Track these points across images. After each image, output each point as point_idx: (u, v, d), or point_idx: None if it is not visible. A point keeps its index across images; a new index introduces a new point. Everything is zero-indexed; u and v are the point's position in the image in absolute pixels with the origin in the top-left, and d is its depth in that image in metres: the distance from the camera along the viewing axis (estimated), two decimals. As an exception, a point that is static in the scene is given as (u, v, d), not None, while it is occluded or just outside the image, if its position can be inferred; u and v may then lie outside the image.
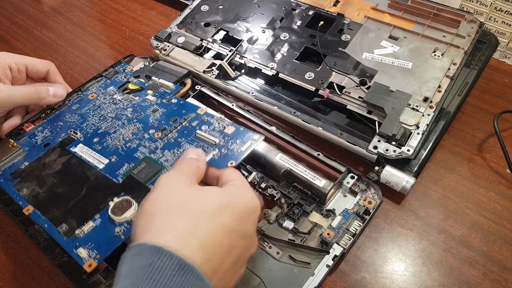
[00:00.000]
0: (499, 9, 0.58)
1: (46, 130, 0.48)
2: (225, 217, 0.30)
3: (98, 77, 0.55)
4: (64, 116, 0.50)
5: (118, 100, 0.50)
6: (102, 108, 0.49)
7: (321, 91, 0.51)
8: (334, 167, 0.45)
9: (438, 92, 0.48)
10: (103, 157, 0.43)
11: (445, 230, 0.43)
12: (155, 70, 0.55)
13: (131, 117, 0.47)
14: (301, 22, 0.59)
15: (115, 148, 0.44)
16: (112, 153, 0.43)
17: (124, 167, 0.42)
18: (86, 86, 0.54)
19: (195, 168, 0.35)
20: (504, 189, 0.46)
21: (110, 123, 0.47)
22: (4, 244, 0.44)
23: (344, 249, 0.39)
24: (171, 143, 0.43)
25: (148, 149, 0.43)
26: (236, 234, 0.30)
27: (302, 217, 0.43)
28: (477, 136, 0.51)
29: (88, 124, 0.48)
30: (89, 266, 0.35)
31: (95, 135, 0.46)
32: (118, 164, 0.42)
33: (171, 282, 0.25)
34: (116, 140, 0.45)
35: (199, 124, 0.44)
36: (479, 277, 0.39)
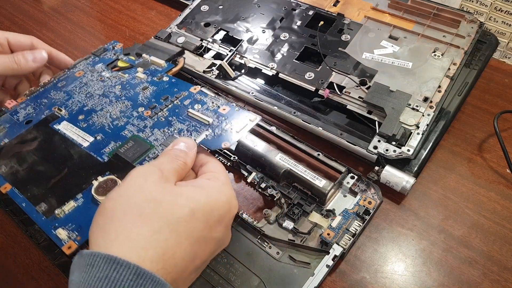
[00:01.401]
0: (499, 9, 0.57)
1: (29, 107, 0.46)
2: (194, 225, 0.28)
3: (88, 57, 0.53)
4: (49, 93, 0.47)
5: (106, 78, 0.48)
6: (89, 86, 0.47)
7: (321, 91, 0.51)
8: (334, 167, 0.45)
9: (438, 92, 0.48)
10: (88, 135, 0.41)
11: (445, 230, 0.43)
12: (146, 48, 0.53)
13: (119, 95, 0.45)
14: (301, 22, 0.59)
15: (101, 126, 0.42)
16: (98, 131, 0.41)
17: (110, 145, 0.40)
18: (74, 63, 0.52)
19: (180, 163, 0.32)
20: (504, 189, 0.46)
21: (97, 100, 0.45)
22: (4, 244, 0.44)
23: (344, 249, 0.39)
24: (161, 122, 0.40)
25: (137, 128, 0.40)
26: (205, 242, 0.29)
27: (302, 217, 0.43)
28: (477, 136, 0.51)
29: (73, 102, 0.45)
30: (69, 248, 0.33)
31: (81, 113, 0.44)
32: (104, 142, 0.40)
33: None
34: (103, 118, 0.43)
35: (191, 103, 0.41)
36: (479, 277, 0.39)
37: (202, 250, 0.29)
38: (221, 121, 0.39)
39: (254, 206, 0.46)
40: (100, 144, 0.40)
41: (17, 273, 0.42)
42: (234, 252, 0.40)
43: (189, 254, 0.27)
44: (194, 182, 0.31)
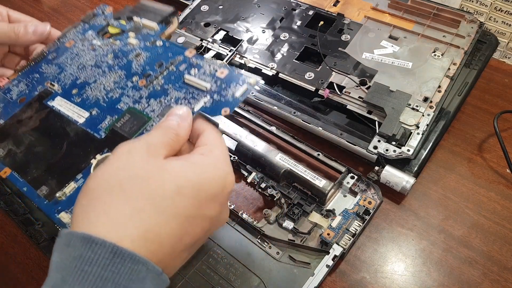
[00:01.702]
0: (499, 9, 0.57)
1: (22, 83, 0.44)
2: (181, 203, 0.26)
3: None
4: (40, 67, 0.45)
5: (97, 46, 0.45)
6: (80, 56, 0.44)
7: (321, 91, 0.51)
8: (334, 167, 0.45)
9: (438, 92, 0.48)
10: (83, 110, 0.39)
11: (445, 230, 0.43)
12: (138, 10, 0.50)
13: (112, 64, 0.42)
14: (301, 22, 0.59)
15: (95, 99, 0.40)
16: (93, 106, 0.39)
17: (107, 120, 0.38)
18: (63, 32, 0.48)
19: (172, 136, 0.29)
20: (504, 189, 0.46)
21: (90, 72, 0.42)
22: (5, 244, 0.44)
23: (344, 249, 0.39)
24: (157, 91, 0.38)
25: (132, 99, 0.38)
26: (195, 220, 0.27)
27: (302, 217, 0.43)
28: (477, 136, 0.51)
29: (66, 75, 0.43)
30: None
31: (74, 86, 0.42)
32: (99, 117, 0.38)
33: (105, 272, 0.22)
34: (97, 90, 0.40)
35: (187, 68, 0.38)
36: (479, 277, 0.39)
37: (192, 229, 0.27)
38: (219, 86, 0.36)
39: (254, 206, 0.46)
40: (96, 119, 0.38)
41: (17, 273, 0.42)
42: (234, 252, 0.40)
43: (176, 233, 0.26)
44: (187, 157, 0.29)
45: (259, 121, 0.50)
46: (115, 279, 0.22)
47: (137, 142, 0.28)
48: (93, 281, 0.22)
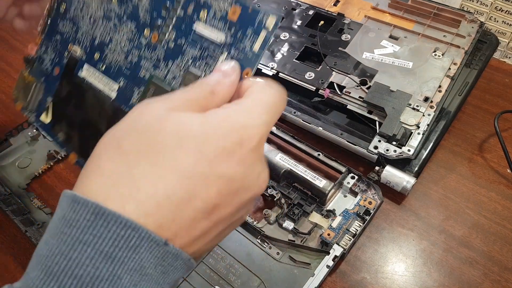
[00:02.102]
0: (499, 9, 0.57)
1: (49, 49, 0.41)
2: (181, 157, 0.22)
3: None
4: (57, 25, 0.42)
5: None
6: (88, 5, 0.40)
7: (321, 91, 0.51)
8: (334, 167, 0.45)
9: (438, 92, 0.48)
10: (112, 81, 0.37)
11: (446, 230, 0.43)
12: None
13: (120, 14, 0.38)
14: (301, 22, 0.59)
15: (118, 66, 0.37)
16: (118, 75, 0.37)
17: (135, 94, 0.35)
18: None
19: (205, 93, 0.25)
20: (505, 189, 0.46)
21: (102, 27, 0.38)
22: (4, 244, 0.44)
23: (344, 250, 0.39)
24: (172, 50, 0.34)
25: (151, 63, 0.35)
26: (205, 179, 0.22)
27: (302, 217, 0.43)
28: (477, 136, 0.51)
29: (82, 33, 0.40)
30: None
31: (94, 49, 0.38)
32: (128, 90, 0.35)
33: (85, 235, 0.20)
34: (115, 53, 0.37)
35: (196, 9, 0.33)
36: (480, 277, 0.39)
37: (202, 190, 0.22)
38: (234, 35, 0.31)
39: (254, 206, 0.46)
40: (125, 93, 0.35)
41: (17, 273, 0.42)
42: (234, 253, 0.40)
43: (179, 192, 0.21)
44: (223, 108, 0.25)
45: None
46: (96, 244, 0.20)
47: (160, 97, 0.24)
48: (71, 244, 0.20)
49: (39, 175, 0.48)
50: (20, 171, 0.48)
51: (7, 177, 0.47)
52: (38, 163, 0.49)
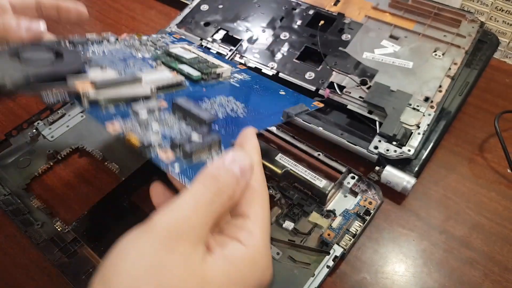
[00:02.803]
0: (500, 9, 0.57)
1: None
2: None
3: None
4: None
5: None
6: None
7: (322, 91, 0.51)
8: (334, 167, 0.45)
9: (439, 92, 0.48)
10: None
11: (446, 230, 0.43)
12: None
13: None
14: (301, 22, 0.59)
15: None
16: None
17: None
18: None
19: (223, 202, 0.21)
20: (505, 190, 0.46)
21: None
22: (4, 244, 0.44)
23: (345, 250, 0.39)
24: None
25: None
26: None
27: (302, 217, 0.43)
28: (478, 136, 0.51)
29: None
30: None
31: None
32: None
33: None
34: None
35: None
36: (480, 278, 0.39)
37: None
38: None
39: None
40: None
41: (16, 274, 0.42)
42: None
43: None
44: (225, 251, 0.21)
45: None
46: None
47: (174, 228, 0.19)
48: None
49: (39, 175, 0.48)
50: (20, 171, 0.48)
51: (7, 177, 0.47)
52: (38, 163, 0.49)
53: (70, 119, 0.52)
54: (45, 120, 0.51)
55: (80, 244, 0.41)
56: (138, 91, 0.34)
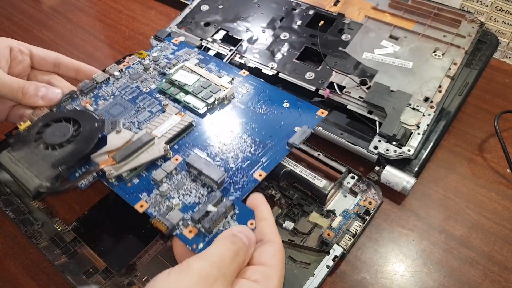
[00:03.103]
0: (499, 9, 0.57)
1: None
2: None
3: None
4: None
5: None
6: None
7: (322, 91, 0.51)
8: (334, 167, 0.45)
9: (438, 92, 0.48)
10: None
11: (446, 230, 0.43)
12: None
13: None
14: (301, 22, 0.59)
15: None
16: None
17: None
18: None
19: (240, 263, 0.28)
20: (505, 189, 0.46)
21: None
22: (4, 244, 0.44)
23: (344, 250, 0.39)
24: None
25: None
26: None
27: (302, 217, 0.43)
28: (477, 136, 0.51)
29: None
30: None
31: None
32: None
33: None
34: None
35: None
36: (480, 278, 0.39)
37: None
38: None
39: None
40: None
41: (17, 274, 0.42)
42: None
43: None
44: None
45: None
46: None
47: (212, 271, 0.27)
48: None
49: (39, 175, 0.48)
50: (20, 171, 0.48)
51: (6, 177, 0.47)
52: (38, 163, 0.49)
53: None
54: (45, 120, 0.51)
55: (80, 244, 0.41)
56: (154, 153, 0.38)
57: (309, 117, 0.42)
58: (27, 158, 0.37)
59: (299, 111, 0.42)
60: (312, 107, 0.43)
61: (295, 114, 0.42)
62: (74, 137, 0.39)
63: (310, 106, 0.43)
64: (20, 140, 0.39)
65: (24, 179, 0.36)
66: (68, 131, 0.39)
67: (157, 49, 0.51)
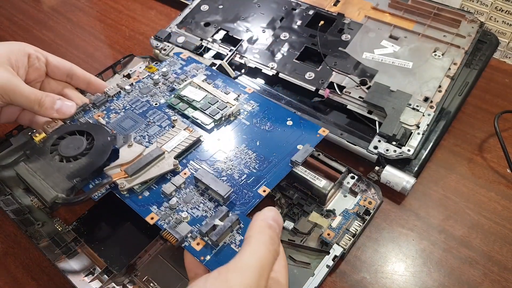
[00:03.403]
0: (499, 9, 0.57)
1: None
2: None
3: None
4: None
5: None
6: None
7: (322, 91, 0.51)
8: (334, 167, 0.45)
9: (438, 92, 0.48)
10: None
11: (446, 230, 0.43)
12: None
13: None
14: (301, 22, 0.59)
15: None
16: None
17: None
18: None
19: (276, 256, 0.28)
20: (505, 189, 0.46)
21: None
22: (4, 244, 0.44)
23: (344, 250, 0.39)
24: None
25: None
26: None
27: (302, 217, 0.43)
28: (477, 136, 0.51)
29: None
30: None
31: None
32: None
33: None
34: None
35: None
36: (480, 277, 0.39)
37: None
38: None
39: (254, 206, 0.45)
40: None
41: (17, 273, 0.42)
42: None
43: None
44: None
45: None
46: None
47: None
48: None
49: (39, 175, 0.48)
50: (20, 171, 0.48)
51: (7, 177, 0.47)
52: (38, 163, 0.49)
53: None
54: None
55: (81, 244, 0.41)
56: (164, 167, 0.40)
57: (311, 135, 0.43)
58: (43, 169, 0.39)
59: (302, 129, 0.44)
60: (314, 126, 0.45)
61: (298, 132, 0.44)
62: (88, 150, 0.40)
63: (312, 125, 0.45)
64: (36, 151, 0.41)
65: (40, 190, 0.37)
66: (82, 144, 0.41)
67: (167, 64, 0.52)
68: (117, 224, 0.42)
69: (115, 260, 0.38)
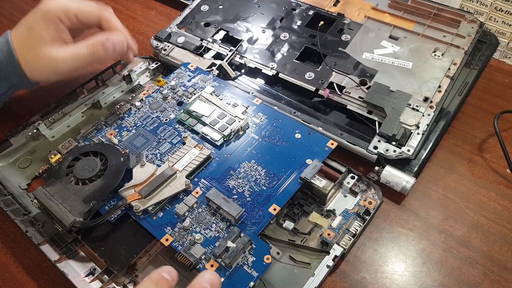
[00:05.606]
0: (499, 9, 0.57)
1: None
2: None
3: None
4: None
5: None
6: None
7: (321, 91, 0.51)
8: (334, 167, 0.45)
9: (438, 92, 0.48)
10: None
11: (445, 230, 0.43)
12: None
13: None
14: (301, 22, 0.59)
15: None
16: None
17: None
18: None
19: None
20: (504, 189, 0.46)
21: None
22: (4, 244, 0.44)
23: (344, 250, 0.39)
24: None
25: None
26: None
27: (302, 217, 0.43)
28: (477, 136, 0.51)
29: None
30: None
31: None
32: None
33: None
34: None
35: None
36: (479, 277, 0.39)
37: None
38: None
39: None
40: None
41: (17, 273, 0.42)
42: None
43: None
44: None
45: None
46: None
47: None
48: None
49: (39, 175, 0.48)
50: (21, 171, 0.48)
51: (7, 177, 0.47)
52: (39, 163, 0.49)
53: (71, 119, 0.52)
54: (45, 120, 0.51)
55: (81, 244, 0.41)
56: (176, 187, 0.41)
57: (320, 148, 0.44)
58: (60, 193, 0.40)
59: (310, 142, 0.44)
60: (322, 138, 0.45)
61: (307, 145, 0.44)
62: (102, 171, 0.42)
63: (321, 137, 0.45)
64: (52, 174, 0.42)
65: (59, 215, 0.39)
66: (96, 166, 0.42)
67: (175, 76, 0.53)
68: (117, 224, 0.42)
69: (116, 260, 0.38)
